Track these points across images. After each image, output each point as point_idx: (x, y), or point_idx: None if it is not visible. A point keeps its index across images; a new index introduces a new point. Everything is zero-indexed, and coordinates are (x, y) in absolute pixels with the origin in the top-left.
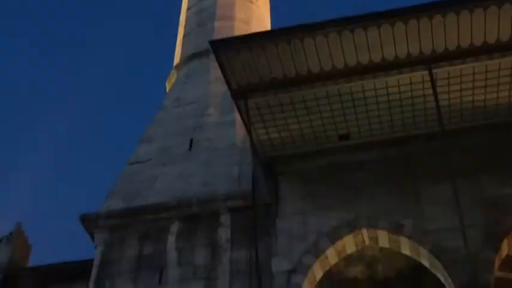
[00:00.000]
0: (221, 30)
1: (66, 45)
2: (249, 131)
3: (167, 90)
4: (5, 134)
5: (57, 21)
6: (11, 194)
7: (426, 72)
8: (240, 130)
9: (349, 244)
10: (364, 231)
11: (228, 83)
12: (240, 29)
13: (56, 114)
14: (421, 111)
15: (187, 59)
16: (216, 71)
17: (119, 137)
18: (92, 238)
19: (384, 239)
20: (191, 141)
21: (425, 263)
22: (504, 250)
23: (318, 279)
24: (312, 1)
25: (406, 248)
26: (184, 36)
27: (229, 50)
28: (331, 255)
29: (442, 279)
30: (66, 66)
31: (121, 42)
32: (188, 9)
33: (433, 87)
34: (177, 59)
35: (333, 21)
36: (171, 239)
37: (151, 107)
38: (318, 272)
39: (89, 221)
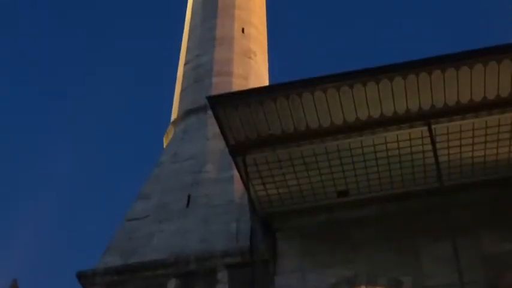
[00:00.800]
0: (219, 86)
1: (66, 91)
2: (247, 188)
3: (164, 146)
4: (3, 187)
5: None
6: (7, 249)
7: (425, 128)
8: (238, 186)
9: None
10: None
11: (225, 139)
12: (238, 84)
13: (56, 163)
14: (420, 167)
15: (184, 114)
16: (213, 127)
17: (118, 189)
18: None
19: None
20: (189, 197)
21: None
22: None
23: None
24: (310, 57)
25: None
26: (181, 91)
27: (227, 105)
28: None
29: None
30: (68, 112)
31: (119, 89)
32: (185, 64)
33: (433, 143)
34: (174, 115)
35: (331, 77)
36: None
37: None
38: None
39: (85, 278)
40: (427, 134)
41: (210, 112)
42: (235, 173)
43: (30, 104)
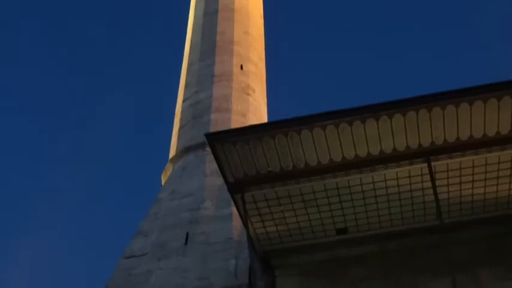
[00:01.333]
0: (217, 123)
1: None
2: (245, 225)
3: (163, 183)
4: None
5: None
6: None
7: (425, 165)
8: (236, 223)
9: None
10: None
11: (224, 176)
12: (237, 121)
13: (55, 200)
14: (419, 205)
15: (182, 151)
16: (212, 164)
17: (116, 226)
18: None
19: None
20: (187, 235)
21: None
22: None
23: None
24: (310, 94)
25: None
26: (179, 128)
27: (225, 142)
28: None
29: None
30: (67, 149)
31: (117, 127)
32: (183, 101)
33: (432, 180)
34: (172, 152)
35: (330, 114)
36: None
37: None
38: None
39: None
40: (427, 171)
41: (208, 149)
42: (234, 210)
43: (29, 144)
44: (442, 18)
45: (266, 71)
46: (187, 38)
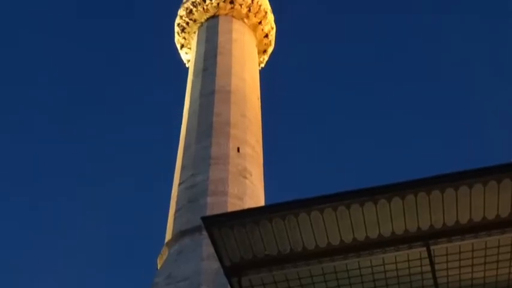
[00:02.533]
0: (214, 206)
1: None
2: None
3: (158, 267)
4: None
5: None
6: None
7: (424, 249)
8: None
9: None
10: None
11: (220, 259)
12: (234, 204)
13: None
14: None
15: (178, 235)
16: (208, 248)
17: None
18: None
19: None
20: None
21: None
22: None
23: None
24: (308, 177)
25: None
26: (175, 212)
27: (222, 226)
28: None
29: None
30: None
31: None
32: (180, 184)
33: (431, 264)
34: (168, 236)
35: (328, 197)
36: None
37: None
38: None
39: None
40: (426, 255)
41: (204, 233)
42: None
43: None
44: (443, 104)
45: (263, 153)
46: (183, 119)
